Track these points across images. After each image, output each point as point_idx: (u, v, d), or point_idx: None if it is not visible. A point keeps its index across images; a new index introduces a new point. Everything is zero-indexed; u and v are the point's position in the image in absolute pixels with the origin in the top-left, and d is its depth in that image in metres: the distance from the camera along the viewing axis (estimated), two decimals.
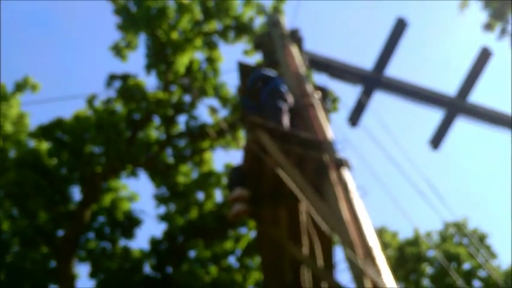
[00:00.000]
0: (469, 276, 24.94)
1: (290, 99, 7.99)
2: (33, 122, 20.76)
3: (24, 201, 18.04)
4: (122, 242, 20.03)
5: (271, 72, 8.53)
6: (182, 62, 19.60)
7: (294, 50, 9.30)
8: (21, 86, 19.91)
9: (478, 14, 18.07)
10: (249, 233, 19.93)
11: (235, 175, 7.39)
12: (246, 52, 19.90)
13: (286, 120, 7.59)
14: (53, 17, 45.12)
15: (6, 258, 17.65)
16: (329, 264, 7.43)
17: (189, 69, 19.83)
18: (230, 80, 22.53)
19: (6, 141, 18.91)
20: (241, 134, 18.80)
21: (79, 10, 45.45)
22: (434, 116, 10.44)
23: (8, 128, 19.09)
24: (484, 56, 10.12)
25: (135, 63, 47.01)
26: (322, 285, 7.41)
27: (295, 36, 9.73)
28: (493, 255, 25.89)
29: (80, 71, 45.23)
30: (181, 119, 25.13)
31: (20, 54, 43.41)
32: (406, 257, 25.54)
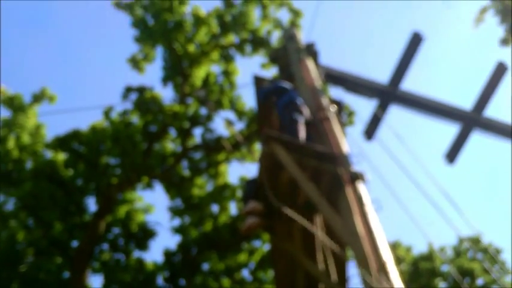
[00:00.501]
0: None
1: (306, 112, 7.98)
2: (50, 133, 20.84)
3: (40, 211, 18.10)
4: (136, 254, 20.02)
5: (286, 85, 8.52)
6: (199, 74, 19.68)
7: (310, 63, 9.31)
8: (38, 97, 20.00)
9: (495, 29, 18.09)
10: (263, 246, 19.88)
11: (250, 188, 7.37)
12: (262, 66, 19.93)
13: (302, 133, 7.58)
14: (71, 29, 45.43)
15: (21, 268, 17.68)
16: (343, 279, 7.39)
17: (206, 82, 19.89)
18: (246, 94, 22.56)
19: (23, 152, 19.00)
20: (257, 147, 18.80)
21: (97, 22, 45.74)
22: (450, 129, 10.42)
23: (25, 138, 19.18)
24: (500, 70, 10.10)
25: (152, 75, 47.15)
26: None
27: (311, 50, 9.73)
28: (507, 271, 25.72)
29: (97, 83, 45.47)
30: (197, 132, 25.15)
31: (38, 65, 43.71)
32: (420, 272, 25.42)
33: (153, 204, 20.83)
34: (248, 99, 20.23)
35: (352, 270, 7.55)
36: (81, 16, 44.92)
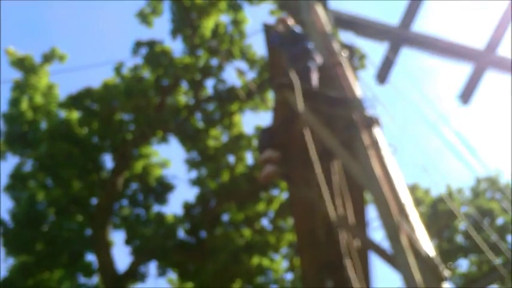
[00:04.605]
0: (502, 231, 24.83)
1: (318, 58, 7.93)
2: (62, 92, 20.81)
3: (58, 171, 18.21)
4: (156, 208, 20.12)
5: (299, 30, 8.46)
6: (208, 25, 19.53)
7: (319, 9, 9.21)
8: (48, 57, 19.89)
9: None
10: (281, 194, 19.91)
11: (265, 137, 7.38)
12: (271, 12, 19.73)
13: (315, 80, 7.55)
14: None
15: (43, 228, 17.87)
16: (362, 223, 7.43)
17: (215, 32, 19.75)
18: (256, 42, 22.38)
19: (37, 112, 19.03)
20: (270, 95, 18.74)
21: None
22: (463, 69, 10.32)
23: (38, 99, 19.20)
24: None
25: (161, 29, 46.89)
26: (356, 243, 7.43)
27: None
28: None
29: (106, 39, 45.24)
30: (209, 83, 25.12)
31: (46, 25, 43.55)
32: (439, 214, 25.46)
33: (169, 158, 20.90)
34: (259, 48, 20.08)
35: (372, 214, 7.60)
36: None
